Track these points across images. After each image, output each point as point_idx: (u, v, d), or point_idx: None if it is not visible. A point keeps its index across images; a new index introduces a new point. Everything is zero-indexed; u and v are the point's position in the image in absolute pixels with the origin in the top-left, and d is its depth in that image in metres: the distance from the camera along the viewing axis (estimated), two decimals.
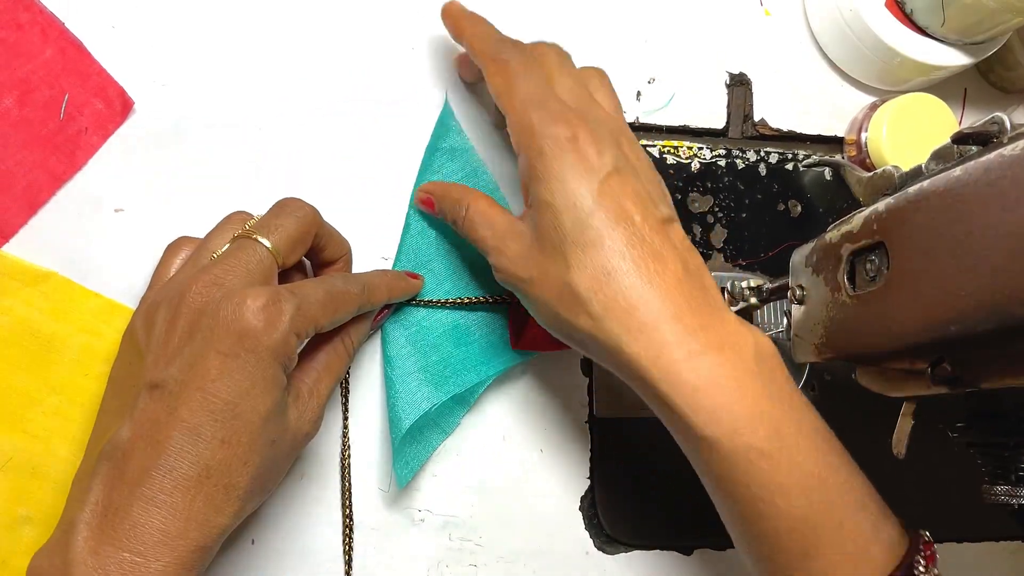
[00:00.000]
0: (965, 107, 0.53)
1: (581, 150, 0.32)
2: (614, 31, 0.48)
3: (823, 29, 0.50)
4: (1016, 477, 0.31)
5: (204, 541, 0.29)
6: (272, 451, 0.32)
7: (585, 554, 0.43)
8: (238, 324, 0.30)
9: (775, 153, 0.49)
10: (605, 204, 0.32)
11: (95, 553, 0.28)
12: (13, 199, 0.38)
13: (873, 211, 0.32)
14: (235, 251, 0.33)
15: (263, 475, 0.31)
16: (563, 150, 0.32)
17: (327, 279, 0.35)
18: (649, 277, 0.31)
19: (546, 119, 0.33)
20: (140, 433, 0.29)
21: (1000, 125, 0.29)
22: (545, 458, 0.43)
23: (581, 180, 0.32)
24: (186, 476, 0.29)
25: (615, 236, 0.32)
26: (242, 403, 0.30)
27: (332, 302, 0.34)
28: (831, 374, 0.47)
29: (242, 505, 0.31)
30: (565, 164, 0.32)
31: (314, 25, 0.44)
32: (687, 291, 0.32)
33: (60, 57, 0.39)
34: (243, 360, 0.30)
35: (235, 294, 0.30)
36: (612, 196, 0.32)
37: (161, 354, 0.31)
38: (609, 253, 0.31)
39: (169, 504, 0.29)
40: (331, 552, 0.40)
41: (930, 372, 0.30)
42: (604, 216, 0.32)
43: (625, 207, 0.32)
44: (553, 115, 0.33)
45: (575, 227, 0.32)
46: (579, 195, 0.32)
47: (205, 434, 0.29)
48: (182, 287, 0.32)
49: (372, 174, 0.44)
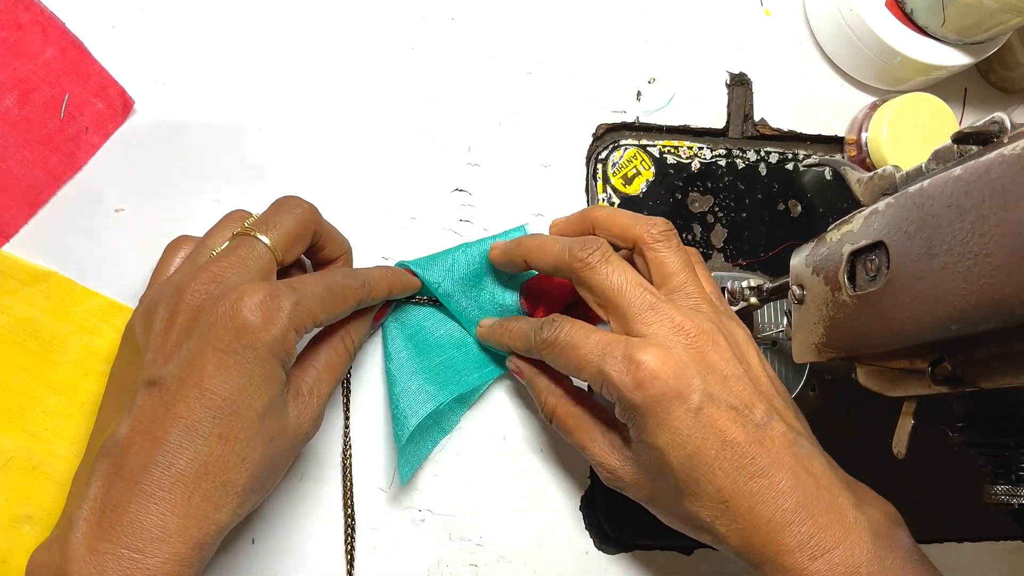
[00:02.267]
0: (965, 107, 0.53)
1: (669, 391, 0.32)
2: (614, 31, 0.48)
3: (823, 29, 0.50)
4: (1016, 477, 0.31)
5: (202, 538, 0.29)
6: (271, 448, 0.32)
7: (585, 554, 0.43)
8: (236, 320, 0.30)
9: (775, 153, 0.49)
10: (707, 436, 0.32)
11: (93, 550, 0.28)
12: (13, 199, 0.38)
13: (873, 211, 0.32)
14: (234, 248, 0.33)
15: (261, 472, 0.31)
16: (652, 397, 0.32)
17: (326, 274, 0.35)
18: (762, 495, 0.32)
19: (623, 370, 0.33)
20: (138, 429, 0.29)
21: (1000, 125, 0.29)
22: (545, 458, 0.43)
23: (679, 420, 0.32)
24: (184, 472, 0.29)
25: (725, 465, 0.32)
26: (239, 399, 0.30)
27: (331, 297, 0.34)
28: (831, 373, 0.47)
29: (240, 502, 0.31)
30: (659, 409, 0.32)
31: (314, 25, 0.44)
32: (799, 494, 0.32)
33: (61, 57, 0.39)
34: (240, 356, 0.30)
35: (233, 290, 0.30)
36: (710, 426, 0.32)
37: (159, 351, 0.31)
38: (721, 483, 0.32)
39: (167, 500, 0.29)
40: (331, 552, 0.40)
41: (930, 372, 0.30)
42: (709, 449, 0.32)
43: (724, 432, 0.32)
44: (626, 364, 0.33)
45: (683, 466, 0.32)
46: (680, 434, 0.32)
47: (203, 430, 0.29)
48: (181, 284, 0.32)
49: (372, 174, 0.44)
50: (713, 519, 0.33)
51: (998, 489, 0.31)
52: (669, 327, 0.34)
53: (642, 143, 0.47)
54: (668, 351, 0.33)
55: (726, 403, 0.33)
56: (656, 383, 0.32)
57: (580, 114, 0.47)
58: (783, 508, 0.32)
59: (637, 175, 0.47)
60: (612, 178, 0.46)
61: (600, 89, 0.47)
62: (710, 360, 0.33)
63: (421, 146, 0.44)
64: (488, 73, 0.46)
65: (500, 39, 0.47)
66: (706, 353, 0.33)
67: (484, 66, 0.46)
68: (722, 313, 0.36)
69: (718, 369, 0.33)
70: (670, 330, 0.34)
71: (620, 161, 0.47)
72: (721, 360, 0.34)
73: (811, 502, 0.32)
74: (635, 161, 0.47)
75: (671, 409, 0.32)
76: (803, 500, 0.32)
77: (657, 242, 0.36)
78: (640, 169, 0.47)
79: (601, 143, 0.47)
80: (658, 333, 0.33)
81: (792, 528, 0.32)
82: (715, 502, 0.32)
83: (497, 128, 0.46)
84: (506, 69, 0.46)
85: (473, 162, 0.45)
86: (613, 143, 0.47)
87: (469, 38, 0.46)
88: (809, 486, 0.32)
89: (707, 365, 0.33)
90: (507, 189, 0.45)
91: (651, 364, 0.32)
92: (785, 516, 0.32)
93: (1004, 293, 0.25)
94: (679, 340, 0.33)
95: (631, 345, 0.33)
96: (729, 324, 0.36)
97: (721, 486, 0.32)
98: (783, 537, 0.32)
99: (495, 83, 0.46)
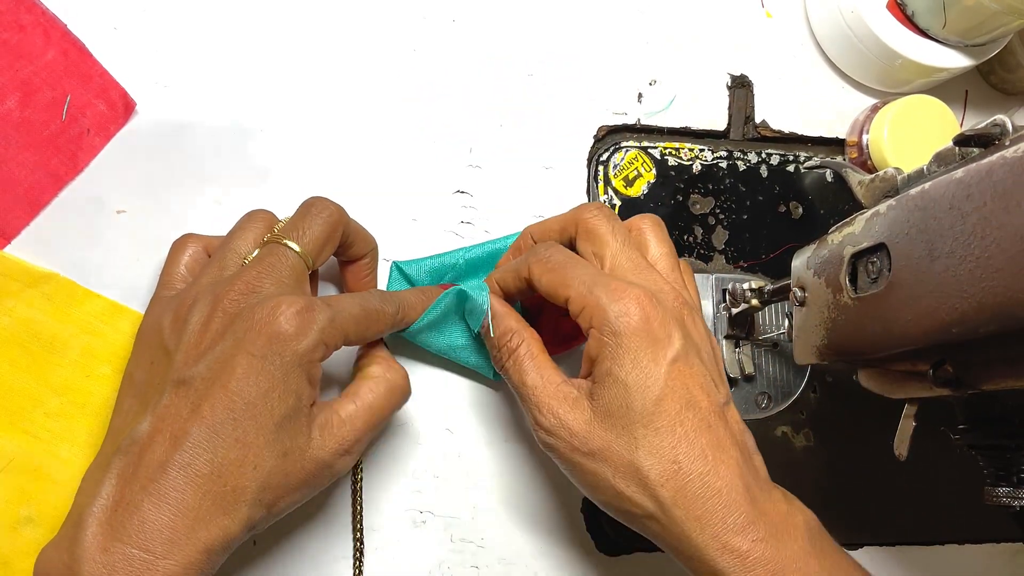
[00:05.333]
0: (966, 109, 0.53)
1: (652, 331, 0.33)
2: (615, 33, 0.48)
3: (824, 31, 0.50)
4: (1017, 479, 0.31)
5: (211, 543, 0.29)
6: (283, 463, 0.31)
7: (587, 556, 0.43)
8: (271, 328, 0.30)
9: (776, 155, 0.49)
10: (675, 388, 0.32)
11: (104, 550, 0.28)
12: (15, 200, 0.38)
13: (875, 213, 0.32)
14: (266, 256, 0.33)
15: (272, 486, 0.31)
16: (637, 330, 0.33)
17: (365, 296, 0.35)
18: (716, 467, 0.32)
19: (615, 297, 0.33)
20: (160, 428, 0.30)
21: (1002, 127, 0.29)
22: (547, 460, 0.43)
23: (653, 362, 0.32)
24: (199, 473, 0.29)
25: (686, 423, 0.32)
26: (260, 403, 0.30)
27: (366, 319, 0.34)
28: (832, 375, 0.47)
29: (249, 512, 0.31)
30: (639, 344, 0.33)
31: (316, 26, 0.44)
32: (747, 478, 0.32)
33: (62, 58, 0.39)
34: (268, 362, 0.30)
35: (270, 299, 0.31)
36: (681, 380, 0.33)
37: (191, 353, 0.31)
38: (680, 440, 0.32)
39: (180, 501, 0.29)
40: (335, 552, 0.40)
41: (932, 374, 0.30)
42: (674, 401, 0.32)
43: (693, 392, 0.33)
44: (620, 292, 0.33)
45: (645, 410, 0.32)
46: (652, 377, 0.32)
47: (223, 432, 0.30)
48: (217, 292, 0.32)
49: (373, 176, 0.44)
50: (660, 481, 0.32)
51: (999, 491, 0.31)
52: (661, 286, 0.35)
53: (643, 145, 0.47)
54: (659, 301, 0.33)
55: (699, 370, 0.33)
56: (642, 322, 0.33)
57: (581, 116, 0.47)
58: (735, 485, 0.32)
59: (638, 177, 0.47)
60: (613, 180, 0.46)
61: (601, 91, 0.47)
62: (689, 328, 0.34)
63: (422, 147, 0.44)
64: (489, 75, 0.46)
65: (501, 41, 0.47)
66: (686, 321, 0.34)
67: (485, 68, 0.46)
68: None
69: (695, 339, 0.34)
70: (660, 289, 0.35)
71: (621, 163, 0.47)
72: (698, 333, 0.35)
73: (756, 489, 0.32)
74: (636, 163, 0.47)
75: (649, 351, 0.32)
76: (750, 484, 0.32)
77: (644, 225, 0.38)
78: (641, 171, 0.47)
79: (602, 145, 0.47)
80: (650, 287, 0.34)
81: (740, 508, 0.31)
82: (668, 461, 0.32)
83: (498, 130, 0.46)
84: (507, 71, 0.46)
85: (474, 164, 0.45)
86: (614, 145, 0.47)
87: (470, 40, 0.46)
88: (754, 475, 0.33)
89: (687, 331, 0.34)
90: (508, 191, 0.45)
91: (643, 301, 0.33)
92: (735, 493, 0.31)
93: (1006, 295, 0.25)
94: (668, 300, 0.34)
95: (626, 282, 0.34)
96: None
97: (678, 443, 0.32)
98: (731, 514, 0.31)
99: (496, 85, 0.46)
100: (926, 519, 0.34)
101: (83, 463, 0.37)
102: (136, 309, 0.39)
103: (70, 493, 0.35)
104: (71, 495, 0.31)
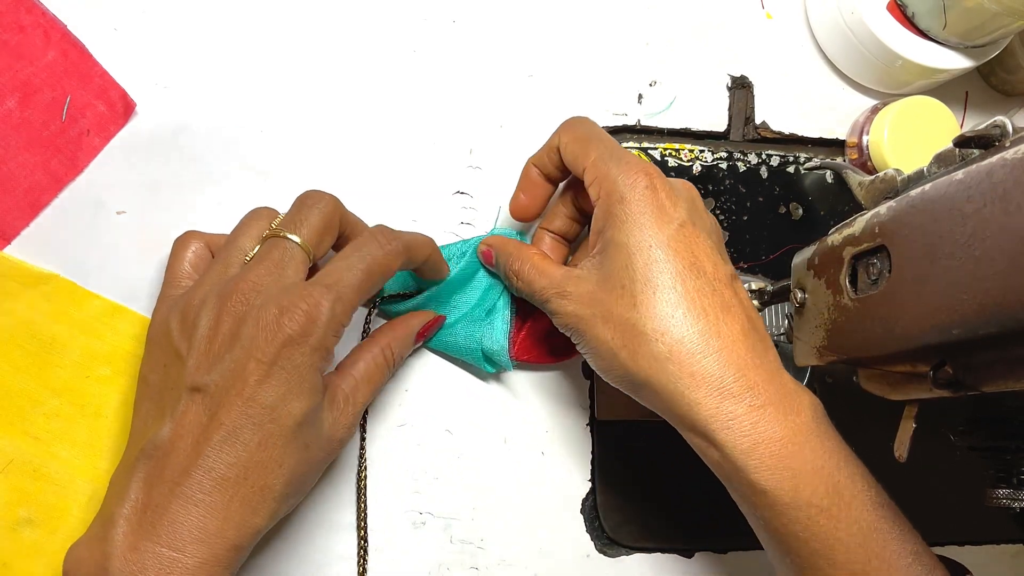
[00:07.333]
0: (966, 110, 0.53)
1: (659, 199, 0.33)
2: (616, 34, 0.48)
3: (824, 32, 0.50)
4: (1018, 480, 0.31)
5: (240, 540, 0.30)
6: (306, 455, 0.32)
7: (586, 556, 0.43)
8: (279, 334, 0.30)
9: (776, 156, 0.49)
10: (679, 250, 0.32)
11: (134, 548, 0.29)
12: (15, 201, 0.38)
13: (875, 214, 0.32)
14: (267, 252, 0.33)
15: (297, 478, 0.32)
16: (642, 196, 0.33)
17: (365, 247, 0.34)
18: (717, 327, 0.32)
19: (625, 168, 0.34)
20: (180, 433, 0.30)
21: (1002, 129, 0.29)
22: (546, 461, 0.43)
23: (657, 225, 0.33)
24: (224, 477, 0.30)
25: (687, 282, 0.32)
26: (279, 407, 0.30)
27: (370, 279, 0.34)
28: (833, 377, 0.47)
29: (277, 507, 0.31)
30: (644, 209, 0.33)
31: (316, 27, 0.44)
32: (751, 345, 0.32)
33: (62, 59, 0.39)
34: (280, 367, 0.30)
35: (273, 302, 0.31)
36: (686, 244, 0.33)
37: (203, 359, 0.31)
38: (680, 297, 0.32)
39: (207, 503, 0.29)
40: (337, 552, 0.40)
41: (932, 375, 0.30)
42: (677, 261, 0.32)
43: (698, 256, 0.33)
44: (631, 165, 0.34)
45: (647, 268, 0.32)
46: (655, 238, 0.33)
47: (243, 437, 0.30)
48: (222, 293, 0.32)
49: (373, 177, 0.44)
50: (655, 336, 0.31)
51: (999, 493, 0.31)
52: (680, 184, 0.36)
53: (643, 146, 0.47)
54: (669, 182, 0.34)
55: (706, 240, 0.34)
56: (649, 191, 0.33)
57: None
58: (736, 348, 0.31)
59: None
60: None
61: (601, 92, 0.47)
62: (699, 207, 0.35)
63: (422, 148, 0.44)
64: (489, 76, 0.46)
65: (501, 42, 0.47)
66: (696, 203, 0.35)
67: (485, 69, 0.46)
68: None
69: (703, 217, 0.35)
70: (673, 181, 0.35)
71: None
72: (708, 217, 0.36)
73: (759, 358, 0.32)
74: None
75: (653, 216, 0.33)
76: (755, 349, 0.32)
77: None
78: None
79: None
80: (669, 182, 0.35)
81: (740, 371, 0.31)
82: (665, 316, 0.31)
83: (498, 131, 0.46)
84: (507, 72, 0.46)
85: (474, 164, 0.45)
86: None
87: (470, 41, 0.46)
88: (762, 346, 0.33)
89: (695, 207, 0.35)
90: (508, 191, 0.45)
91: (652, 174, 0.34)
92: (735, 356, 0.31)
93: (1006, 297, 0.25)
94: (679, 185, 0.35)
95: (640, 160, 0.35)
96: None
97: (679, 300, 0.32)
98: (728, 375, 0.31)
99: (496, 86, 0.46)
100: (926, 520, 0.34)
101: (82, 464, 0.37)
102: (136, 310, 0.39)
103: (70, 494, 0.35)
104: (71, 496, 0.32)
